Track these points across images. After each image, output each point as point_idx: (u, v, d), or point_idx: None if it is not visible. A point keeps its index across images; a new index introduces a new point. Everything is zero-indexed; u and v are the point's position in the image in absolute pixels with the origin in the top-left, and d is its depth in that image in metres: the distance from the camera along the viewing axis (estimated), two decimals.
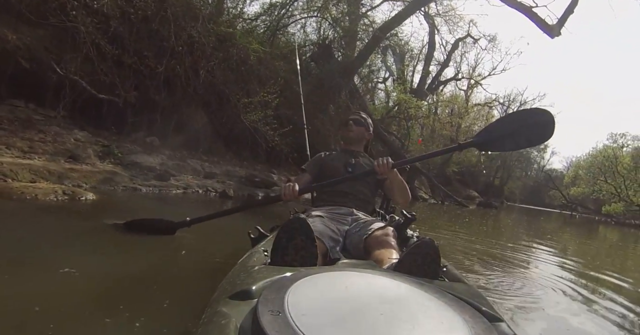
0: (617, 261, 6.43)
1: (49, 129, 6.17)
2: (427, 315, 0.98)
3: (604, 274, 4.49)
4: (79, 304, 1.73)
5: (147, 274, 2.30)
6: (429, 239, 1.44)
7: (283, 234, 1.46)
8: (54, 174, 4.90)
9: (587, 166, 35.84)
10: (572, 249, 7.58)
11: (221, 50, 9.08)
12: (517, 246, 6.18)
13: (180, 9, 8.26)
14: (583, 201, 37.07)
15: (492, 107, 39.85)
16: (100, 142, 6.69)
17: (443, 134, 32.53)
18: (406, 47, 25.46)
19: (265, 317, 0.86)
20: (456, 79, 33.82)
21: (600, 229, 17.62)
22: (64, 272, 2.01)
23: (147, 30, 7.70)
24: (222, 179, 7.96)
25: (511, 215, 19.92)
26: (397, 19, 15.01)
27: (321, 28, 16.00)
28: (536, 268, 4.38)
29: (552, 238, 8.84)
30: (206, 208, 5.59)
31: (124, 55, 7.19)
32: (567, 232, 12.78)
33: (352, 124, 2.80)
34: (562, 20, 12.40)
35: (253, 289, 1.08)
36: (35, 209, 3.63)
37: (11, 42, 5.96)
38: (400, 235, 2.18)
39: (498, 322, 1.08)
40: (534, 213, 28.92)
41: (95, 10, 6.77)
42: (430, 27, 25.63)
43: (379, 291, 1.09)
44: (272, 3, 13.75)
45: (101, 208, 4.28)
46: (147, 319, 1.65)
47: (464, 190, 34.89)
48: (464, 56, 33.36)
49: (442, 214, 13.15)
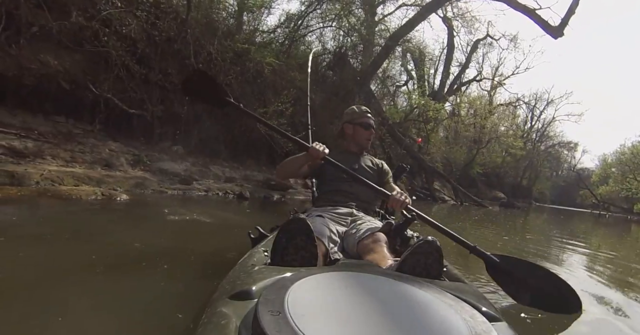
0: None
1: (86, 141, 7.03)
2: (427, 315, 0.99)
3: (611, 274, 4.36)
4: (79, 303, 1.80)
5: (146, 274, 2.36)
6: (432, 239, 1.44)
7: (283, 234, 1.50)
8: (93, 180, 5.76)
9: (615, 164, 35.43)
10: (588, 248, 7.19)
11: (238, 65, 9.90)
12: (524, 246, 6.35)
13: (200, 29, 9.12)
14: (614, 200, 36.33)
15: (517, 106, 39.82)
16: (131, 152, 7.53)
17: (466, 135, 32.75)
18: (425, 50, 25.93)
19: (265, 317, 0.87)
20: (477, 80, 33.85)
21: (632, 228, 16.88)
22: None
23: (170, 50, 8.57)
24: (240, 183, 8.74)
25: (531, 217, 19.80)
26: (408, 26, 15.54)
27: (337, 37, 16.66)
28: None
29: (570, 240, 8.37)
30: (223, 208, 6.34)
31: (150, 74, 8.07)
32: (592, 234, 12.62)
33: (363, 130, 2.79)
34: (564, 21, 12.81)
35: (253, 289, 1.09)
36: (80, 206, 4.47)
37: (53, 66, 6.86)
38: (400, 236, 2.18)
39: (498, 322, 1.09)
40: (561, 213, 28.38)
41: (124, 35, 7.63)
42: (448, 29, 25.98)
43: (378, 291, 1.10)
44: (289, 15, 14.49)
45: (132, 206, 5.09)
46: (147, 318, 1.73)
47: (489, 191, 34.60)
48: (486, 56, 33.44)
49: (451, 216, 13.23)
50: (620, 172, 32.68)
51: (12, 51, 6.40)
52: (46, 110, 6.92)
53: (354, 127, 2.79)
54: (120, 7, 7.67)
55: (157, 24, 8.31)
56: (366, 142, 2.79)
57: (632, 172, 29.09)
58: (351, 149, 2.81)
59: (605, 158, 40.75)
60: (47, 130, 6.67)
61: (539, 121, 44.30)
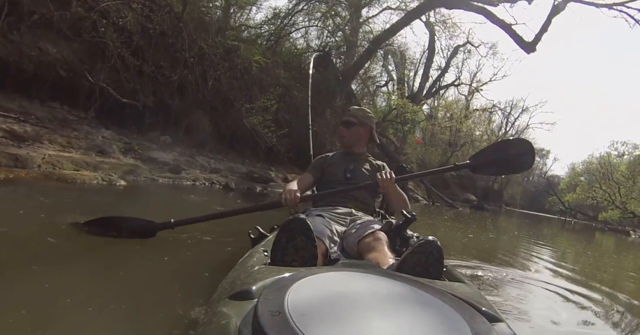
0: (610, 264, 6.72)
1: (81, 127, 7.31)
2: (427, 315, 0.99)
3: (599, 278, 4.64)
4: (78, 303, 1.76)
5: (146, 273, 2.37)
6: (432, 239, 1.45)
7: (283, 234, 1.51)
8: (90, 165, 6.07)
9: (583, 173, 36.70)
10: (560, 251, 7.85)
11: (227, 60, 10.26)
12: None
13: (193, 24, 9.44)
14: (582, 208, 37.37)
15: (493, 112, 40.89)
16: (122, 140, 7.82)
17: (442, 138, 33.55)
18: (407, 53, 26.49)
19: (265, 317, 0.87)
20: (455, 85, 34.62)
21: (597, 235, 17.83)
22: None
23: (164, 44, 8.87)
24: (225, 174, 9.12)
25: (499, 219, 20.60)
26: (391, 30, 16.01)
27: (322, 36, 17.03)
28: (530, 270, 4.47)
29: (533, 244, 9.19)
30: (211, 197, 6.75)
31: (144, 65, 8.36)
32: (552, 237, 13.48)
33: (343, 129, 2.82)
34: (537, 38, 13.52)
35: (253, 289, 1.09)
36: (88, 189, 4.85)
37: (52, 54, 7.11)
38: (400, 236, 2.19)
39: (498, 322, 1.09)
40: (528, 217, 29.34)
41: (121, 27, 7.91)
42: (430, 34, 26.56)
43: (378, 291, 1.10)
44: (276, 13, 14.81)
45: (132, 193, 5.46)
46: (147, 319, 1.73)
47: (462, 193, 35.32)
48: (465, 62, 34.21)
49: (423, 215, 13.82)
50: (588, 181, 33.84)
51: (13, 37, 6.64)
52: (42, 96, 7.15)
53: (340, 127, 2.89)
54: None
55: (151, 17, 8.60)
56: (346, 140, 2.81)
57: (599, 181, 30.16)
58: (344, 148, 2.87)
59: (574, 167, 42.09)
60: (43, 115, 6.91)
61: (513, 127, 45.51)
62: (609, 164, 29.76)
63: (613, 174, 28.78)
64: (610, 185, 28.77)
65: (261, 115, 10.58)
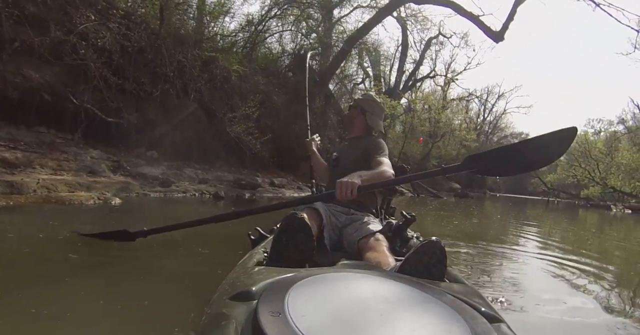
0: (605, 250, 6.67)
1: (69, 149, 7.47)
2: (427, 316, 0.99)
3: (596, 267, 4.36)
4: (79, 303, 1.84)
5: (146, 276, 2.40)
6: (435, 239, 1.43)
7: (282, 233, 1.53)
8: (83, 186, 6.26)
9: None
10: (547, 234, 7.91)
11: (206, 72, 10.47)
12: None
13: (170, 38, 9.64)
14: (564, 187, 37.95)
15: (470, 100, 41.58)
16: (110, 158, 8.00)
17: (422, 130, 34.00)
18: (381, 49, 26.85)
19: (265, 318, 0.87)
20: (431, 77, 35.12)
21: (580, 213, 18.40)
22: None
23: (143, 60, 9.07)
24: (214, 184, 9.32)
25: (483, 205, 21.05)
26: (364, 29, 16.28)
27: (297, 39, 17.27)
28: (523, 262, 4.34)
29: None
30: (202, 207, 6.98)
31: (125, 83, 8.55)
32: (534, 217, 13.98)
33: (353, 110, 2.81)
34: (504, 27, 13.98)
35: (253, 290, 1.09)
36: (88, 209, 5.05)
37: (35, 80, 7.27)
38: (400, 236, 2.17)
39: (498, 322, 1.09)
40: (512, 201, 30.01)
41: (101, 48, 8.08)
42: (402, 28, 26.94)
43: (379, 292, 1.10)
44: (249, 20, 14.97)
45: (128, 209, 5.65)
46: (147, 319, 1.77)
47: (446, 183, 35.68)
48: (439, 53, 34.76)
49: (409, 207, 13.93)
50: (567, 160, 34.64)
51: None
52: (28, 121, 7.31)
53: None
54: (94, 20, 8.12)
55: (128, 35, 8.78)
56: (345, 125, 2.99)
57: (578, 160, 30.92)
58: (348, 135, 2.88)
59: None
60: (31, 140, 7.07)
61: (490, 114, 46.33)
62: (587, 142, 30.54)
63: (591, 151, 29.54)
64: (589, 162, 29.56)
65: (244, 123, 10.82)
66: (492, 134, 47.02)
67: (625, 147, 27.92)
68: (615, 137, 30.51)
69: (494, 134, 47.30)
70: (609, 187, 26.97)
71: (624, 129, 31.65)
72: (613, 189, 26.62)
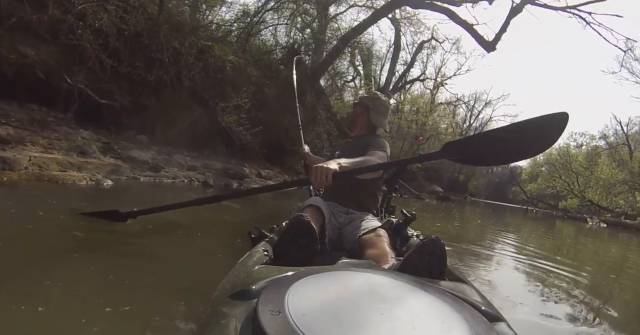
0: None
1: (60, 128, 7.45)
2: (427, 315, 0.99)
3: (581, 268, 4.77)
4: (77, 303, 1.78)
5: (145, 273, 2.38)
6: (435, 238, 1.44)
7: (287, 235, 1.56)
8: (74, 166, 6.28)
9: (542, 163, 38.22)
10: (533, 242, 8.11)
11: (201, 60, 10.48)
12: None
13: (167, 25, 9.64)
14: (543, 197, 38.62)
15: (457, 105, 41.98)
16: (101, 140, 8.00)
17: (408, 131, 34.30)
18: (373, 48, 26.99)
19: (265, 317, 0.88)
20: (421, 80, 35.39)
21: (557, 223, 18.64)
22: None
23: (139, 44, 9.05)
24: (202, 171, 9.37)
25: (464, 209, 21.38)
26: (358, 29, 16.39)
27: (291, 33, 17.36)
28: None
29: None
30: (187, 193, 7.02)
31: (120, 66, 8.53)
32: (512, 224, 14.30)
33: (356, 109, 2.79)
34: (496, 38, 14.23)
35: (253, 289, 1.09)
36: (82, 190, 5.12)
37: (30, 57, 7.24)
38: (400, 235, 2.17)
39: (498, 321, 1.09)
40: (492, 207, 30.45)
41: (98, 29, 8.05)
42: (395, 30, 27.11)
43: (379, 291, 1.10)
44: (246, 11, 15.04)
45: (120, 192, 5.73)
46: (147, 318, 1.75)
47: (428, 185, 36.02)
48: (430, 57, 35.02)
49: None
50: (548, 171, 35.24)
51: None
52: (20, 98, 7.27)
53: None
54: (92, 0, 8.09)
55: (125, 18, 8.76)
56: (349, 123, 2.85)
57: (558, 171, 31.49)
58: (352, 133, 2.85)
59: (535, 157, 43.56)
60: (23, 117, 7.04)
61: (477, 120, 46.83)
62: (568, 154, 31.13)
63: (572, 164, 30.10)
64: (570, 174, 30.05)
65: (236, 114, 10.87)
66: None
67: (605, 162, 28.51)
68: (596, 151, 31.12)
69: None
70: (586, 200, 27.44)
71: (605, 145, 32.28)
72: (590, 202, 27.08)
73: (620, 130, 30.83)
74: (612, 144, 31.77)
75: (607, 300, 3.42)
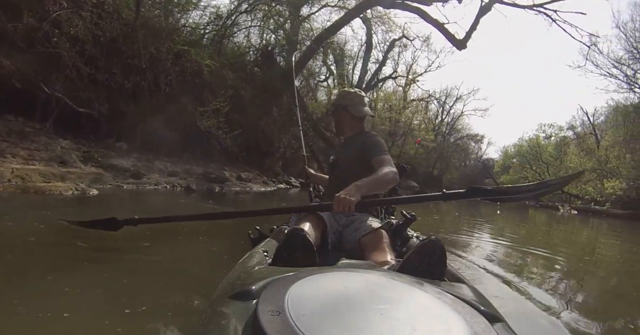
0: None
1: (39, 139, 7.39)
2: (427, 315, 1.00)
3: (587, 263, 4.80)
4: (77, 305, 1.82)
5: (146, 275, 2.40)
6: (435, 239, 1.44)
7: (284, 249, 1.53)
8: (57, 176, 6.25)
9: (514, 155, 39.17)
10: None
11: (178, 65, 10.46)
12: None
13: (144, 30, 9.60)
14: None
15: (429, 102, 42.51)
16: (80, 149, 7.95)
17: (382, 128, 34.58)
18: (345, 47, 27.14)
19: (265, 317, 0.88)
20: (393, 77, 35.73)
21: (530, 212, 19.14)
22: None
23: (115, 51, 9.00)
24: (183, 176, 9.38)
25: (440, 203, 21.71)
26: (331, 29, 16.50)
27: (264, 35, 17.39)
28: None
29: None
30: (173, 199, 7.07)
31: (97, 74, 8.49)
32: (487, 215, 14.63)
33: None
34: (467, 36, 14.54)
35: (253, 289, 1.09)
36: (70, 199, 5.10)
37: (6, 67, 7.15)
38: (400, 236, 2.17)
39: (498, 322, 1.09)
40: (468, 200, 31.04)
41: (74, 37, 7.98)
42: (367, 29, 27.30)
43: (378, 291, 1.10)
44: (219, 14, 15.02)
45: (107, 200, 5.73)
46: (147, 318, 1.76)
47: (404, 181, 35.86)
48: (402, 55, 35.33)
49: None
50: (519, 162, 36.14)
51: None
52: None
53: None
54: (67, 7, 8.02)
55: (100, 24, 8.69)
56: (336, 129, 2.82)
57: (529, 162, 32.33)
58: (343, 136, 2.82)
59: (506, 150, 44.44)
60: (1, 129, 6.97)
61: (448, 115, 47.47)
62: (538, 145, 32.01)
63: (542, 154, 31.02)
64: (540, 165, 30.97)
65: (215, 118, 10.89)
66: (450, 135, 48.21)
67: (574, 152, 29.31)
68: (565, 142, 31.97)
69: (451, 135, 48.50)
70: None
71: (573, 135, 33.16)
72: (561, 191, 27.95)
73: (587, 120, 31.66)
74: (579, 134, 32.56)
75: (581, 281, 3.66)
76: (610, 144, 24.40)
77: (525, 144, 35.15)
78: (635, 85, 19.86)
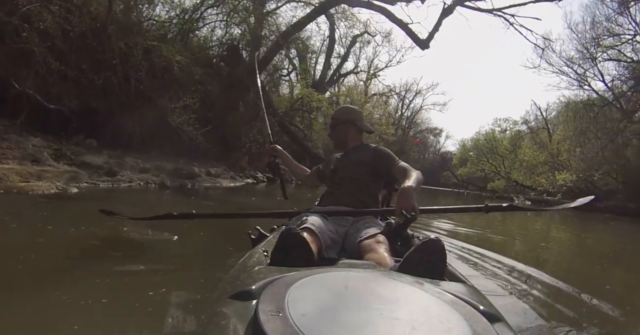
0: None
1: (10, 137, 7.26)
2: (427, 315, 0.99)
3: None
4: (78, 301, 1.83)
5: (146, 275, 2.43)
6: (435, 238, 1.44)
7: (280, 250, 1.52)
8: (34, 175, 6.19)
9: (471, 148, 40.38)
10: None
11: (147, 60, 10.38)
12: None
13: (113, 25, 9.49)
14: (473, 180, 40.83)
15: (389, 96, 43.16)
16: (52, 146, 7.85)
17: None
18: (308, 42, 27.23)
19: (265, 318, 0.87)
20: (355, 72, 36.07)
21: (486, 202, 19.74)
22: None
23: (85, 46, 8.88)
24: (155, 173, 9.36)
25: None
26: (297, 26, 16.68)
27: (228, 29, 17.37)
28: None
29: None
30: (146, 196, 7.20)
31: (68, 69, 8.36)
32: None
33: (330, 132, 2.80)
34: (430, 36, 15.14)
35: (253, 289, 1.09)
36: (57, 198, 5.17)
37: None
38: (400, 236, 2.16)
39: (498, 322, 1.09)
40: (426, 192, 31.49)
41: (44, 32, 7.84)
42: (330, 24, 27.45)
43: (379, 291, 1.10)
44: (184, 8, 14.86)
45: (89, 199, 5.77)
46: (147, 318, 1.76)
47: None
48: (363, 50, 35.72)
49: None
50: (476, 155, 37.32)
51: None
52: None
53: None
54: (36, 1, 7.86)
55: (69, 18, 8.55)
56: (334, 141, 2.80)
57: (486, 155, 33.48)
58: (337, 150, 2.83)
59: (464, 143, 45.75)
60: None
61: (408, 110, 48.38)
62: (494, 139, 33.20)
63: (498, 148, 32.27)
64: (496, 158, 32.39)
65: (186, 114, 10.89)
66: (409, 129, 49.18)
67: (528, 145, 30.58)
68: (519, 136, 33.28)
69: (411, 129, 49.48)
70: (512, 181, 29.60)
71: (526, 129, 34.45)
72: (516, 183, 29.20)
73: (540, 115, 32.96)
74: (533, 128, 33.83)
75: (538, 264, 4.04)
76: (561, 138, 25.51)
77: (482, 138, 36.39)
78: (585, 83, 20.87)
